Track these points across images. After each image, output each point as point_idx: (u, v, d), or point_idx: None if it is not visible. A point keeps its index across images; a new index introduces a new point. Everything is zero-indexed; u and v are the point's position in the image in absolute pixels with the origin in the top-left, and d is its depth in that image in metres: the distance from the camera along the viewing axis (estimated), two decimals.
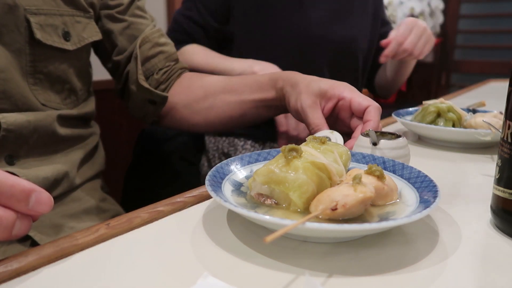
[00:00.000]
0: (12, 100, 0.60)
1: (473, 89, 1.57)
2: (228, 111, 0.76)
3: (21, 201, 0.34)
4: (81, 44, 0.69)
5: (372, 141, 0.54)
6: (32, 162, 0.62)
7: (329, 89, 0.62)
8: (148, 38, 0.77)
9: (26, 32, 0.61)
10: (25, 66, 0.61)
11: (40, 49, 0.63)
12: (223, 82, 0.78)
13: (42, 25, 0.62)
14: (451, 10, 3.36)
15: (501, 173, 0.40)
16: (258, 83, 0.72)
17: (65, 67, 0.67)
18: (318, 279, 0.32)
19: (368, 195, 0.37)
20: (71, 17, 0.67)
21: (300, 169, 0.40)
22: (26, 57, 0.61)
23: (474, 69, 3.29)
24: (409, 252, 0.37)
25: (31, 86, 0.62)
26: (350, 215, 0.38)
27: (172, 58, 0.81)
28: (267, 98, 0.71)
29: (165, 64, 0.79)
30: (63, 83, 0.67)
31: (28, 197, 0.34)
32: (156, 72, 0.78)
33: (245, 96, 0.74)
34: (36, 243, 0.59)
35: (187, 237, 0.39)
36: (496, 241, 0.39)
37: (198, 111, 0.79)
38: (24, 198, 0.34)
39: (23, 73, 0.61)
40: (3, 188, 0.33)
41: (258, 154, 0.51)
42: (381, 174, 0.41)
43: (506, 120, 0.39)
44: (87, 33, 0.70)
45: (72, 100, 0.70)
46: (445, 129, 0.70)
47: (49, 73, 0.65)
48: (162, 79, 0.78)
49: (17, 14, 0.60)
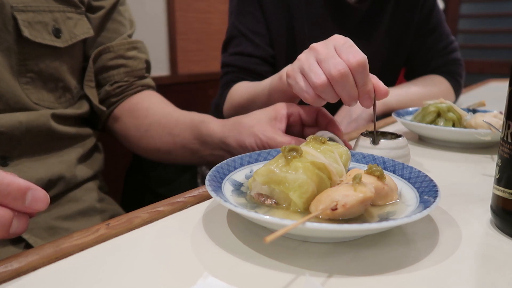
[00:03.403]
0: (4, 99, 0.59)
1: (473, 89, 1.57)
2: (159, 143, 0.74)
3: (18, 199, 0.34)
4: (73, 41, 0.67)
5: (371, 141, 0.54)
6: (26, 163, 0.62)
7: (275, 113, 0.60)
8: (113, 48, 0.75)
9: (14, 30, 0.59)
10: (15, 65, 0.60)
11: (29, 47, 0.61)
12: (165, 110, 0.75)
13: (31, 22, 0.61)
14: (451, 10, 3.37)
15: (501, 173, 0.40)
16: (194, 127, 0.69)
17: (57, 64, 0.65)
18: (318, 279, 0.32)
19: (368, 195, 0.37)
20: (61, 13, 0.66)
21: (300, 169, 0.40)
22: (16, 56, 0.60)
23: (474, 69, 3.29)
24: (409, 252, 0.37)
25: (23, 86, 0.61)
26: (350, 215, 0.38)
27: (136, 74, 0.78)
28: (199, 140, 0.68)
29: (123, 78, 0.76)
30: (56, 82, 0.66)
31: (24, 195, 0.34)
32: (111, 84, 0.76)
33: (177, 134, 0.71)
34: (30, 246, 0.59)
35: (187, 237, 0.39)
36: (496, 241, 0.39)
37: (140, 134, 0.76)
38: (21, 196, 0.34)
39: (14, 73, 0.60)
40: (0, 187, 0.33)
41: (258, 154, 0.51)
42: (381, 174, 0.41)
43: (506, 120, 0.39)
44: (79, 30, 0.68)
45: (67, 98, 0.69)
46: (445, 129, 0.70)
47: (41, 72, 0.63)
48: (114, 92, 0.76)
49: (4, 12, 0.58)
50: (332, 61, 0.53)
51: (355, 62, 0.52)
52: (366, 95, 0.54)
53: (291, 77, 0.59)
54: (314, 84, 0.54)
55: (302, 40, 1.01)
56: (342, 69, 0.52)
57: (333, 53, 0.54)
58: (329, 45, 0.56)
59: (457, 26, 3.40)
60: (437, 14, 1.12)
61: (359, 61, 0.52)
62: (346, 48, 0.54)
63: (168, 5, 2.31)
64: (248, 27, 0.98)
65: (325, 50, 0.55)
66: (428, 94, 1.03)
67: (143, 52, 0.80)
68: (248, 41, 0.98)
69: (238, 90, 0.93)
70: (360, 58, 0.52)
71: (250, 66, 0.97)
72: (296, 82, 0.57)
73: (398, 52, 1.12)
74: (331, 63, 0.53)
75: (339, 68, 0.52)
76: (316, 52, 0.56)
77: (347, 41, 0.55)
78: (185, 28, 2.43)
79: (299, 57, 0.59)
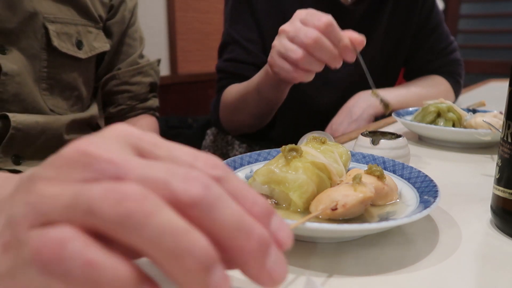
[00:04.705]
0: (24, 103, 0.62)
1: (473, 89, 1.57)
2: None
3: (264, 216, 0.22)
4: (92, 53, 0.72)
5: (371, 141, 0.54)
6: (37, 164, 0.63)
7: None
8: (119, 76, 0.80)
9: (43, 38, 0.64)
10: (38, 72, 0.64)
11: (55, 56, 0.65)
12: None
13: (58, 33, 0.65)
14: (451, 10, 3.37)
15: (501, 173, 0.40)
16: None
17: (75, 75, 0.70)
18: (318, 279, 0.32)
19: (368, 195, 0.37)
20: (83, 27, 0.70)
21: (300, 169, 0.40)
22: (41, 63, 0.64)
23: (474, 69, 3.29)
24: (409, 252, 0.37)
25: (42, 91, 0.65)
26: (350, 215, 0.38)
27: (138, 98, 0.84)
28: None
29: (126, 102, 0.82)
30: (72, 90, 0.70)
31: (271, 215, 0.22)
32: (114, 106, 0.82)
33: None
34: None
35: None
36: (496, 241, 0.39)
37: None
38: (269, 213, 0.22)
39: (36, 78, 0.64)
40: (248, 198, 0.22)
41: (258, 154, 0.51)
42: (381, 174, 0.41)
43: (506, 120, 0.39)
44: (97, 44, 0.73)
45: (79, 107, 0.73)
46: (445, 129, 0.70)
47: (61, 80, 0.67)
48: (117, 114, 0.82)
49: (36, 21, 0.62)
50: (302, 32, 0.56)
51: (322, 24, 0.55)
52: (346, 49, 0.58)
53: (274, 65, 0.61)
54: (295, 61, 0.56)
55: None
56: (312, 35, 0.55)
57: (300, 26, 0.58)
58: (294, 21, 0.59)
59: (457, 26, 3.40)
60: (436, 15, 1.12)
61: (326, 22, 0.56)
62: (310, 17, 0.57)
63: (168, 5, 2.32)
64: (241, 34, 0.98)
65: (292, 27, 0.59)
66: (428, 94, 1.03)
67: (148, 75, 0.85)
68: (241, 48, 0.98)
69: (229, 92, 0.94)
70: (325, 19, 0.56)
71: (243, 73, 0.97)
72: (280, 67, 0.60)
73: (397, 53, 1.12)
74: (302, 35, 0.56)
75: (310, 35, 0.55)
76: (285, 32, 0.59)
77: (309, 11, 0.58)
78: (185, 28, 2.43)
79: (273, 44, 0.61)
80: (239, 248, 0.20)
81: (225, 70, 0.99)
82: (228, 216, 0.20)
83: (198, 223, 0.19)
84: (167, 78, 2.29)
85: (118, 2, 0.78)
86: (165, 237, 0.18)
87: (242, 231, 0.20)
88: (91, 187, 0.18)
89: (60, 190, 0.18)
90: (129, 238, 0.18)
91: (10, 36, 0.61)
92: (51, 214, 0.18)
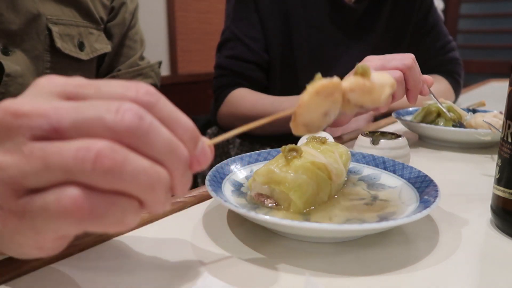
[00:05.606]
0: None
1: (473, 89, 1.57)
2: None
3: (192, 140, 0.26)
4: (93, 54, 0.72)
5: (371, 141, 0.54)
6: None
7: None
8: (119, 77, 0.81)
9: (46, 40, 0.64)
10: (41, 73, 0.65)
11: (58, 57, 0.66)
12: None
13: (61, 35, 0.66)
14: (451, 10, 3.37)
15: (501, 173, 0.40)
16: None
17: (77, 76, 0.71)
18: (318, 279, 0.32)
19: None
20: (85, 29, 0.71)
21: (300, 169, 0.40)
22: (44, 64, 0.65)
23: (474, 69, 3.29)
24: (409, 252, 0.37)
25: None
26: None
27: None
28: None
29: None
30: None
31: (198, 139, 0.27)
32: None
33: None
34: None
35: (187, 237, 0.39)
36: (496, 241, 0.39)
37: None
38: (196, 137, 0.27)
39: None
40: (180, 123, 0.26)
41: (258, 154, 0.51)
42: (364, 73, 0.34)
43: (506, 120, 0.39)
44: (99, 45, 0.74)
45: None
46: (445, 129, 0.70)
47: None
48: None
49: (39, 23, 0.63)
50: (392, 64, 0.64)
51: (409, 63, 0.64)
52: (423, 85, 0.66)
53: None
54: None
55: (300, 44, 1.01)
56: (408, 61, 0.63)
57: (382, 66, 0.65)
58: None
59: (457, 26, 3.40)
60: (434, 14, 1.12)
61: (411, 62, 0.64)
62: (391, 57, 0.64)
63: (168, 5, 2.32)
64: (244, 31, 0.98)
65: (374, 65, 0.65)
66: None
67: (148, 77, 0.84)
68: (244, 46, 0.98)
69: (243, 101, 0.94)
70: (410, 58, 0.65)
71: (245, 72, 0.97)
72: None
73: (396, 52, 1.12)
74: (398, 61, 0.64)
75: (406, 62, 0.63)
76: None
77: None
78: (185, 28, 2.43)
79: None
80: (169, 167, 0.25)
81: (226, 67, 0.99)
82: (160, 142, 0.24)
83: (136, 149, 0.23)
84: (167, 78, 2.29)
85: (118, 4, 0.78)
86: (140, 177, 0.22)
87: (172, 153, 0.24)
88: (61, 151, 0.21)
89: (12, 159, 0.21)
90: (111, 186, 0.22)
91: (14, 37, 0.61)
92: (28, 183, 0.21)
